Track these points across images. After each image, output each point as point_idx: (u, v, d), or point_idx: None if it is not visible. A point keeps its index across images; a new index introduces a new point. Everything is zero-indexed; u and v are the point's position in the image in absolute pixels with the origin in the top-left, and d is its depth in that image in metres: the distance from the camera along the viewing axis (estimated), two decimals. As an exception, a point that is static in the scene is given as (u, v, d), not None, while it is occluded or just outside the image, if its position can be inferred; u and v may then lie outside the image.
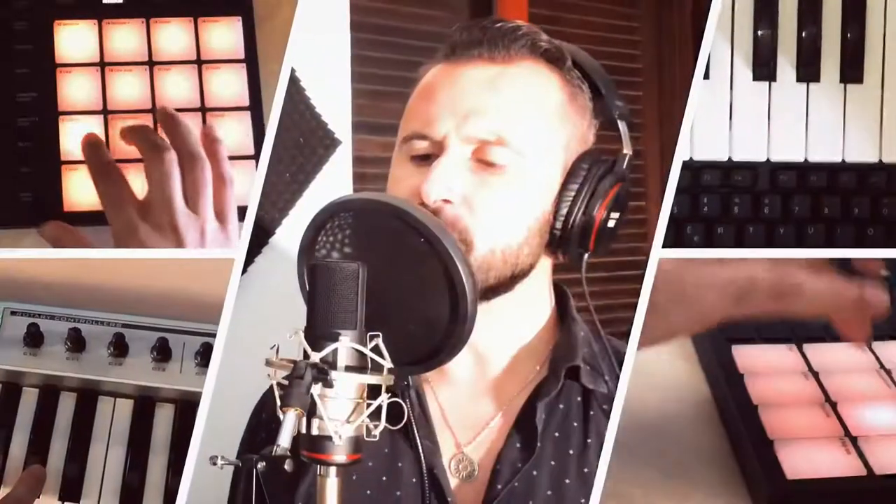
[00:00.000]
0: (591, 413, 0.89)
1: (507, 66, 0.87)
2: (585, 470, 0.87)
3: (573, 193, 0.86)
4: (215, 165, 1.04)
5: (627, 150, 0.90)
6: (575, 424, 0.88)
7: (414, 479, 0.87)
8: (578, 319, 0.93)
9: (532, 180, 0.86)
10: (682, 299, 0.82)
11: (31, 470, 1.03)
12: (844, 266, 0.88)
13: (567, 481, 0.86)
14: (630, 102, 2.15)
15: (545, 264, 0.91)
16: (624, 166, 0.88)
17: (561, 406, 0.89)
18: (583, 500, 0.86)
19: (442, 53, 0.90)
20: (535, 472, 0.86)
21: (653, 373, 1.10)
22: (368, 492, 0.86)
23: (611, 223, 0.87)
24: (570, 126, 0.89)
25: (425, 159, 0.86)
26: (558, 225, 0.87)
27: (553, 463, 0.87)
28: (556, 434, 0.88)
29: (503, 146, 0.84)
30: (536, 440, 0.86)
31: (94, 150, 1.05)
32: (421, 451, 0.86)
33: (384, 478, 0.87)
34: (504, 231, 0.85)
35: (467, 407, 0.90)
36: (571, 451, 0.87)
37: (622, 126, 0.90)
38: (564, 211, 0.86)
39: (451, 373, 0.90)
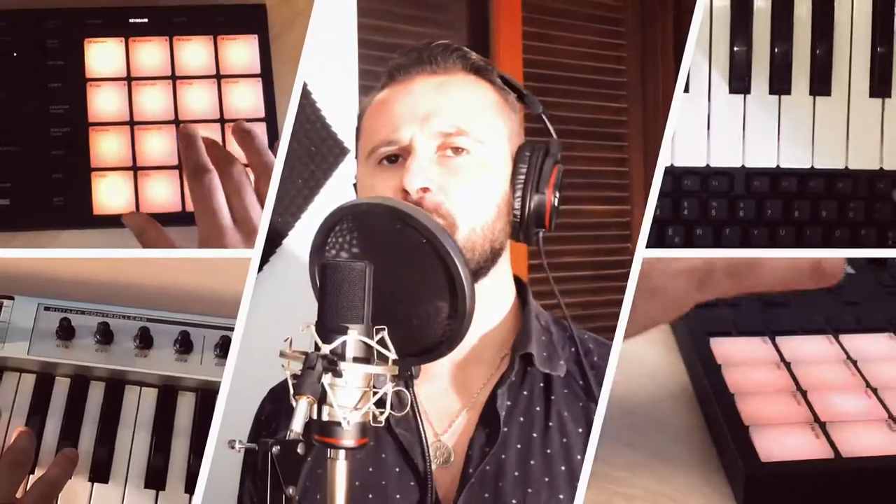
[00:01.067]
0: (553, 397, 0.89)
1: (448, 76, 0.90)
2: (548, 451, 0.87)
3: (524, 177, 0.89)
4: (254, 156, 1.04)
5: (554, 136, 0.93)
6: (538, 409, 0.88)
7: (397, 469, 0.87)
8: (537, 308, 0.94)
9: (492, 164, 0.88)
10: (654, 293, 0.82)
11: (64, 452, 1.03)
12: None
13: (532, 462, 0.86)
14: (616, 114, 2.17)
15: (507, 255, 0.91)
16: (557, 150, 0.91)
17: (525, 392, 0.89)
18: (546, 479, 0.86)
19: (386, 78, 0.92)
20: (503, 456, 0.86)
21: (637, 364, 1.11)
22: (357, 483, 0.86)
23: (556, 201, 0.90)
24: (509, 121, 0.92)
25: (393, 161, 0.88)
26: (517, 205, 0.89)
27: (519, 446, 0.87)
28: (521, 419, 0.88)
29: (464, 135, 0.87)
30: (500, 425, 0.86)
31: (190, 147, 1.03)
32: (425, 443, 0.86)
33: (370, 469, 0.87)
34: (479, 210, 0.86)
35: (442, 398, 0.90)
36: (535, 434, 0.87)
37: (545, 119, 0.94)
38: (519, 193, 0.89)
39: (427, 366, 0.90)
